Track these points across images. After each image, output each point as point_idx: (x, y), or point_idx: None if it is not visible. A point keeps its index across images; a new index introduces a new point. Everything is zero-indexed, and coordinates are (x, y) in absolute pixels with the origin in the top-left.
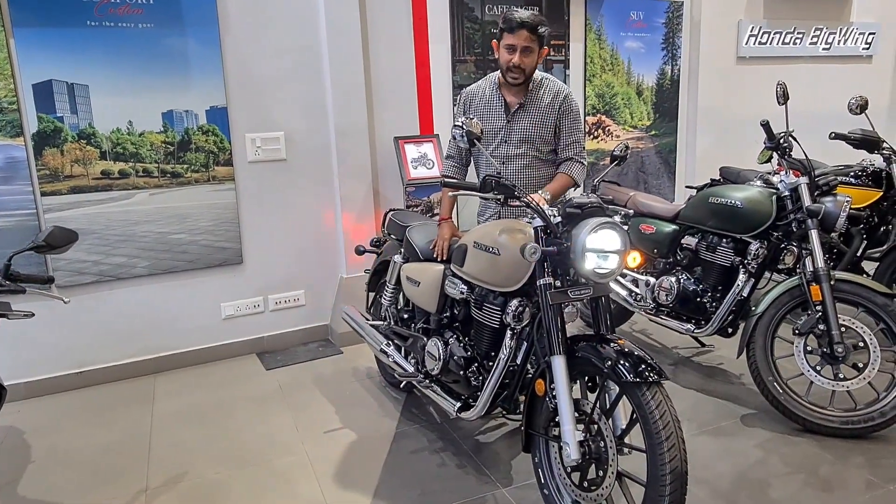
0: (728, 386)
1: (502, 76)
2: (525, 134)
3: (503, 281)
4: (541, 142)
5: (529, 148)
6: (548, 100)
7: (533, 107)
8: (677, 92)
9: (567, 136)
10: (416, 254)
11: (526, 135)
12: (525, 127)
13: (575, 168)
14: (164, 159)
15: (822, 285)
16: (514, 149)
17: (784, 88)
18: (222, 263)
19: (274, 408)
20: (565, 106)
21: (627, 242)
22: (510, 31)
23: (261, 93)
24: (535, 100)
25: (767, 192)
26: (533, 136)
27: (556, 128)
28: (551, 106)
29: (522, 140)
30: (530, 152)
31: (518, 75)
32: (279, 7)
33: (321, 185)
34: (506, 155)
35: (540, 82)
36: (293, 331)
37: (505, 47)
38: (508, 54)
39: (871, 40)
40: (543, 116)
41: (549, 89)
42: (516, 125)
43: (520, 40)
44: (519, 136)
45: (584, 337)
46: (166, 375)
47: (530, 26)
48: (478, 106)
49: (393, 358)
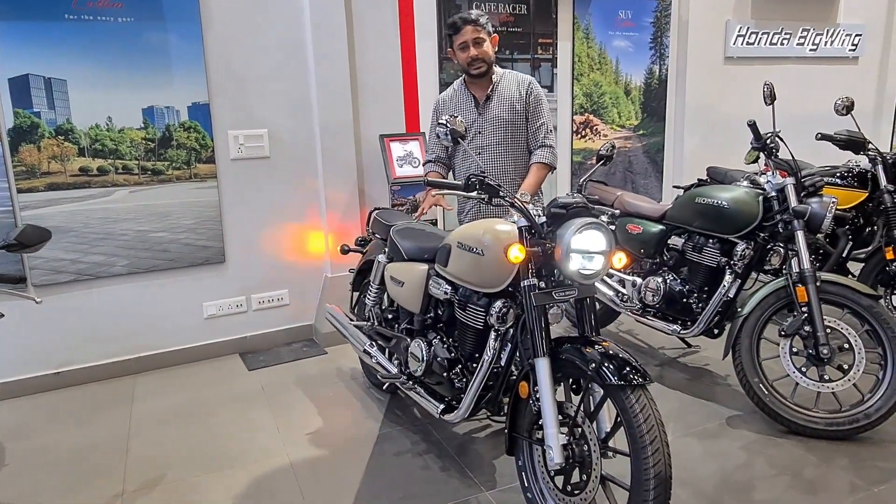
0: (714, 387)
1: (467, 74)
2: (497, 121)
3: (487, 282)
4: (513, 127)
5: (504, 135)
6: (514, 87)
7: (501, 95)
8: (665, 91)
9: (534, 122)
10: (400, 253)
11: (498, 122)
12: (496, 114)
13: (544, 153)
14: (144, 156)
15: (808, 287)
16: (489, 138)
17: (771, 89)
18: (204, 262)
19: (256, 409)
20: (532, 93)
21: (613, 243)
22: (456, 32)
23: (244, 89)
24: (502, 89)
25: (754, 192)
26: (505, 122)
27: (525, 114)
28: (518, 92)
29: (496, 128)
30: (505, 140)
31: (479, 65)
32: (263, 2)
33: (305, 184)
34: (481, 145)
35: (503, 74)
36: (276, 331)
37: (458, 48)
38: (464, 52)
39: (857, 42)
40: (513, 102)
41: (513, 80)
42: (487, 114)
43: (467, 35)
44: (492, 125)
45: (568, 339)
46: (147, 376)
47: (471, 20)
48: (449, 107)
49: (376, 359)
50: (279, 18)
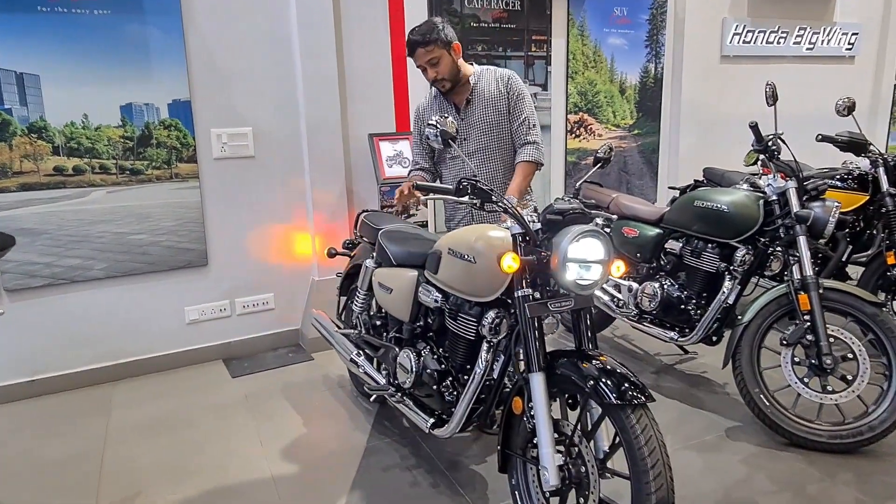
0: (713, 396)
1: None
2: (481, 125)
3: (479, 290)
4: (498, 129)
5: (490, 139)
6: (493, 85)
7: (481, 97)
8: (661, 90)
9: (516, 118)
10: (388, 258)
11: (482, 125)
12: (479, 117)
13: (529, 150)
14: (122, 155)
15: (811, 294)
16: (475, 143)
17: (773, 89)
18: (186, 265)
19: (238, 419)
20: (512, 87)
21: (612, 251)
22: (411, 55)
23: (227, 86)
24: (481, 90)
25: (754, 195)
26: (489, 125)
27: (509, 112)
28: (499, 90)
29: (481, 132)
30: (492, 144)
31: (443, 83)
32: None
33: (291, 184)
34: (467, 152)
35: (480, 74)
36: (262, 336)
37: (421, 69)
38: (425, 73)
39: (853, 41)
40: (495, 102)
41: (491, 77)
42: (470, 119)
43: (421, 59)
44: (476, 129)
45: (564, 352)
46: (125, 384)
47: (419, 42)
48: (430, 116)
49: (363, 369)
50: (264, 12)
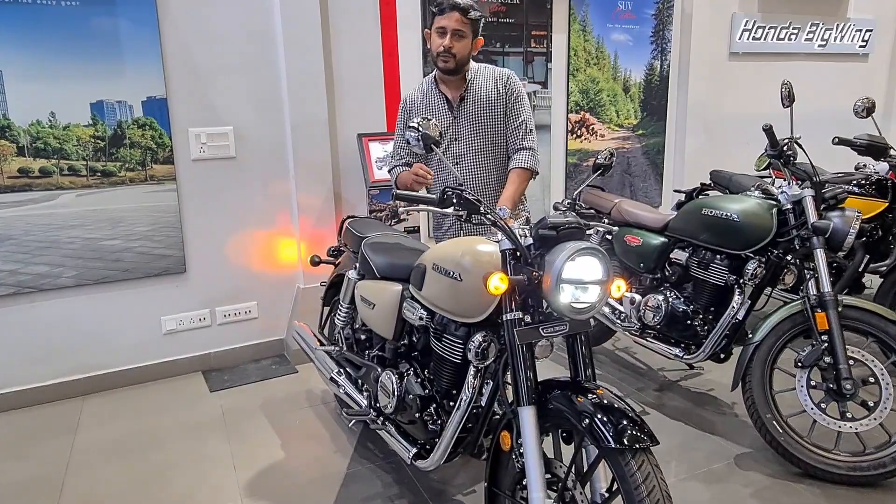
0: (720, 418)
1: (434, 65)
2: (475, 125)
3: (466, 311)
4: (493, 132)
5: (483, 142)
6: (491, 84)
7: (476, 95)
8: (666, 89)
9: (513, 120)
10: (371, 270)
11: (476, 126)
12: (473, 117)
13: (523, 156)
14: (93, 156)
15: (829, 313)
16: (466, 145)
17: (790, 89)
18: (163, 273)
19: (213, 439)
20: (510, 88)
21: (611, 271)
22: (441, 13)
23: (206, 82)
24: (477, 88)
25: (767, 204)
26: (484, 126)
27: (505, 113)
28: (496, 90)
29: (473, 133)
30: (485, 146)
31: (448, 59)
32: None
33: (275, 187)
34: (457, 154)
35: (478, 71)
36: (243, 346)
37: (436, 31)
38: (439, 38)
39: (867, 38)
40: (491, 102)
41: (489, 75)
42: (463, 118)
43: (450, 22)
44: (469, 130)
45: (558, 383)
46: (96, 399)
47: (461, 8)
48: (419, 109)
49: (344, 389)
50: (245, 3)
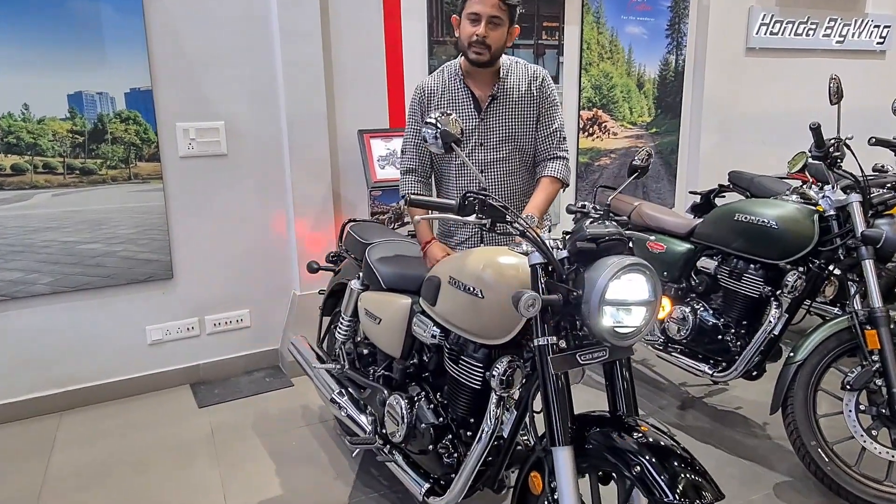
0: (752, 440)
1: (464, 57)
2: (505, 130)
3: (487, 331)
4: (525, 139)
5: (512, 149)
6: (524, 86)
7: (509, 96)
8: (681, 85)
9: (546, 127)
10: (377, 280)
11: (506, 131)
12: (504, 122)
13: (556, 166)
14: (71, 152)
15: (881, 330)
16: (494, 152)
17: (838, 84)
18: (148, 279)
19: (201, 462)
20: (545, 90)
21: (659, 290)
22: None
23: (196, 73)
24: (510, 88)
25: (807, 209)
26: (516, 133)
27: (537, 120)
28: (529, 93)
29: (502, 139)
30: (514, 155)
31: (482, 51)
32: None
33: (270, 186)
34: (482, 161)
35: (510, 67)
36: (235, 357)
37: (468, 18)
38: (472, 26)
39: (885, 34)
40: (524, 106)
41: (523, 73)
42: (492, 122)
43: (485, 7)
44: (498, 136)
45: (596, 418)
46: (74, 415)
47: None
48: (439, 102)
49: (346, 412)
50: None
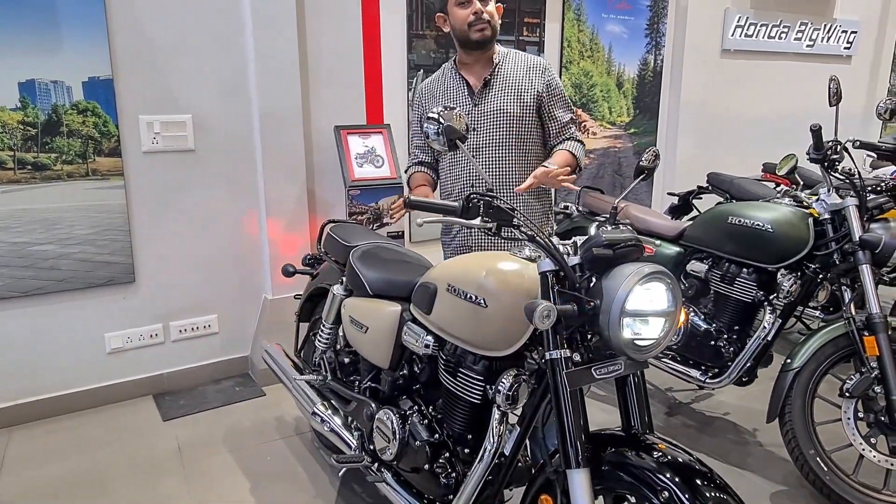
0: (744, 448)
1: (464, 44)
2: (499, 114)
3: (490, 342)
4: (519, 123)
5: (506, 134)
6: (522, 72)
7: (504, 81)
8: (659, 85)
9: (556, 118)
10: (362, 286)
11: (499, 115)
12: (498, 105)
13: (573, 145)
14: (22, 146)
15: (879, 337)
16: (486, 136)
17: (837, 85)
18: (107, 283)
19: (167, 481)
20: (550, 80)
21: (680, 299)
22: None
23: (161, 62)
24: (505, 73)
25: (801, 213)
26: (509, 116)
27: (539, 108)
28: (528, 78)
29: (497, 123)
30: (508, 140)
31: (484, 27)
32: None
33: (240, 184)
34: (474, 147)
35: (506, 54)
36: (202, 365)
37: (456, 5)
38: (463, 9)
39: (852, 39)
40: (520, 91)
41: (521, 61)
42: (485, 105)
43: None
44: (491, 120)
45: (609, 436)
46: (24, 431)
47: None
48: (434, 95)
49: (329, 426)
50: None
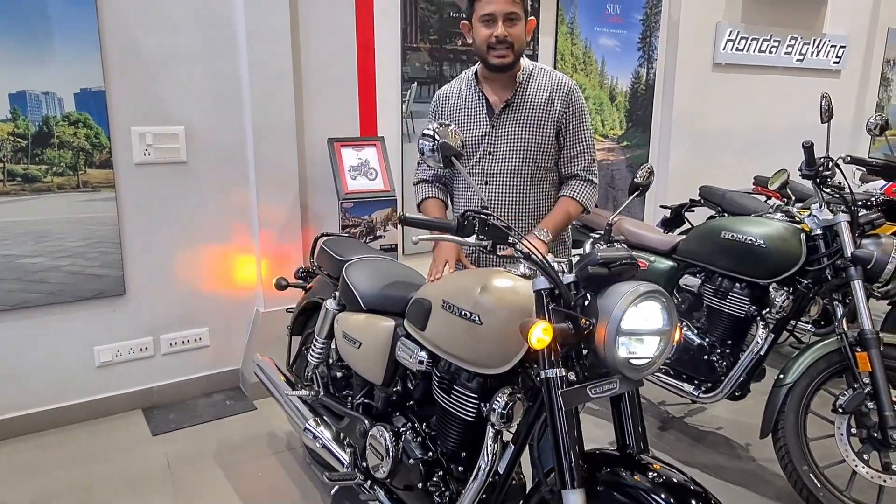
0: (737, 463)
1: (483, 62)
2: (516, 140)
3: (484, 360)
4: (537, 152)
5: (525, 161)
6: (545, 94)
7: (525, 104)
8: (652, 98)
9: (573, 145)
10: (355, 301)
11: (518, 141)
12: (517, 130)
13: (583, 189)
14: (12, 157)
15: (871, 353)
16: (502, 163)
17: (829, 102)
18: (97, 296)
19: (154, 500)
20: (572, 104)
21: (675, 318)
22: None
23: (153, 74)
24: (528, 95)
25: (793, 228)
26: (527, 145)
27: (557, 133)
28: (550, 102)
29: (514, 149)
30: (525, 168)
31: (505, 52)
32: None
33: (233, 196)
34: (489, 172)
35: (532, 73)
36: (193, 379)
37: (480, 21)
38: (487, 28)
39: (841, 54)
40: (540, 116)
41: (545, 81)
42: (503, 130)
43: (499, 5)
44: (508, 144)
45: (604, 456)
46: (9, 446)
47: None
48: (452, 109)
49: (321, 442)
50: None
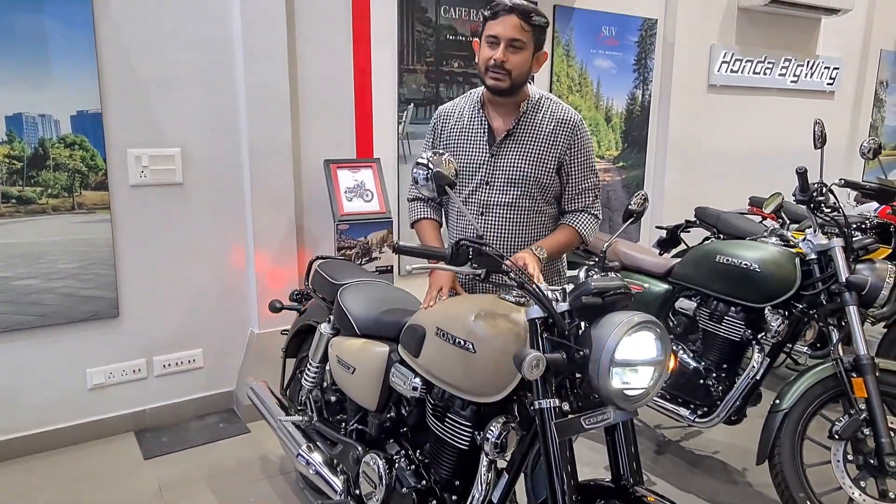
0: (734, 489)
1: (482, 81)
2: (516, 171)
3: (478, 388)
4: (536, 186)
5: (520, 194)
6: (549, 127)
7: (527, 134)
8: (647, 120)
9: (577, 182)
10: (350, 325)
11: (517, 172)
12: (514, 164)
13: (586, 221)
14: (7, 179)
15: (867, 378)
16: (500, 194)
17: (822, 128)
18: (90, 317)
19: None
20: (576, 140)
21: (669, 348)
22: (494, 16)
23: (150, 96)
24: (532, 125)
25: (788, 253)
26: (525, 177)
27: (559, 168)
28: (553, 136)
29: (511, 181)
30: (521, 201)
31: (500, 76)
32: None
33: (229, 218)
34: (486, 202)
35: (539, 102)
36: (186, 401)
37: (486, 40)
38: (490, 49)
39: (835, 75)
40: (542, 149)
41: (551, 114)
42: (503, 160)
43: (506, 29)
44: (507, 175)
45: (599, 487)
46: (2, 468)
47: (521, 10)
48: (452, 130)
49: (314, 469)
50: (200, 4)
